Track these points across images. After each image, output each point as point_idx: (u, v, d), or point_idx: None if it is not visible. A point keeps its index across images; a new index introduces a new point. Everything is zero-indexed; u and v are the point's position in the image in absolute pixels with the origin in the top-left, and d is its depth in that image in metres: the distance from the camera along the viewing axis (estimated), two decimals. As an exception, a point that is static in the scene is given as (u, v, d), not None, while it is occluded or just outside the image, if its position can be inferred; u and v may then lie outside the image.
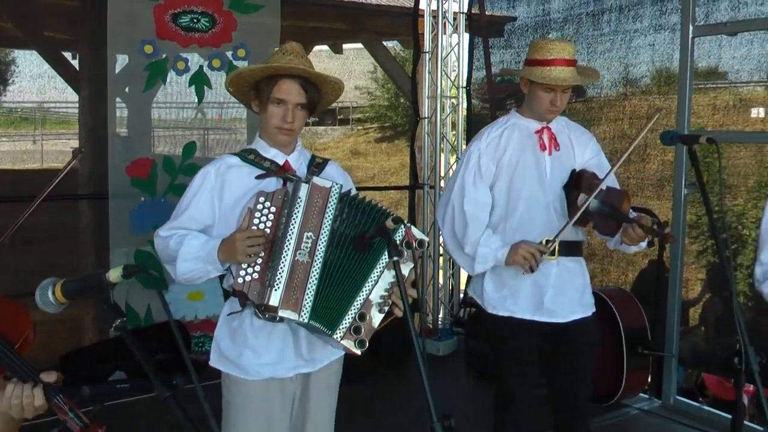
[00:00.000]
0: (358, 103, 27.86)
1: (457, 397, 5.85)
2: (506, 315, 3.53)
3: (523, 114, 3.56)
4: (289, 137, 2.82)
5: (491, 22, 6.86)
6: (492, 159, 3.49)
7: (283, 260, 2.55)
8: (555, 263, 3.48)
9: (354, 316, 2.58)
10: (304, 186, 2.60)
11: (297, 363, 2.82)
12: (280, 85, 2.73)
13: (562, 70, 3.33)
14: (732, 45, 5.36)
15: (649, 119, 3.08)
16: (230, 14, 6.08)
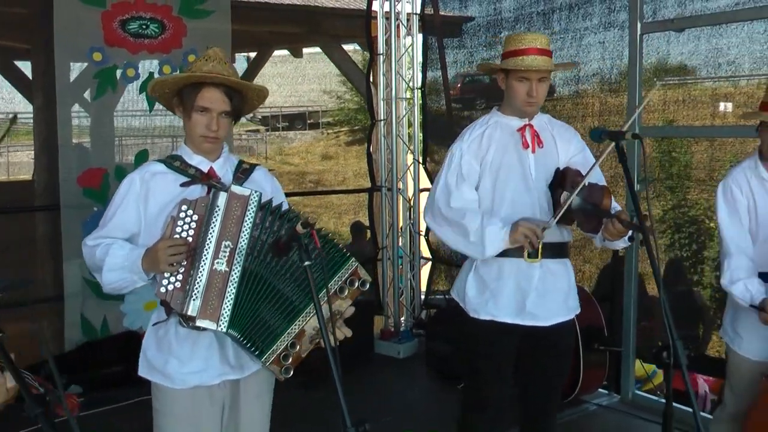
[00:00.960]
0: (327, 106, 27.85)
1: (418, 398, 5.85)
2: (488, 319, 3.47)
3: (504, 112, 3.52)
4: (214, 145, 2.79)
5: (446, 22, 6.86)
6: (475, 157, 3.45)
7: (202, 269, 2.53)
8: (538, 266, 3.43)
9: (287, 345, 2.57)
10: (222, 194, 2.58)
11: (223, 370, 2.79)
12: (203, 94, 2.69)
13: (535, 58, 3.32)
14: (680, 41, 5.39)
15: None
16: (180, 20, 6.03)
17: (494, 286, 3.46)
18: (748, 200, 3.52)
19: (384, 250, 7.10)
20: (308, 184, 21.74)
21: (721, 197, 3.57)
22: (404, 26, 6.89)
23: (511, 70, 3.37)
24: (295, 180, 22.15)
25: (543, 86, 3.38)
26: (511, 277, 3.44)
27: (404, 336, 6.78)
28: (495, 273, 3.45)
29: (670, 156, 7.34)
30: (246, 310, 2.58)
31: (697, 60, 5.62)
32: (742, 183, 3.54)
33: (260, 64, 10.49)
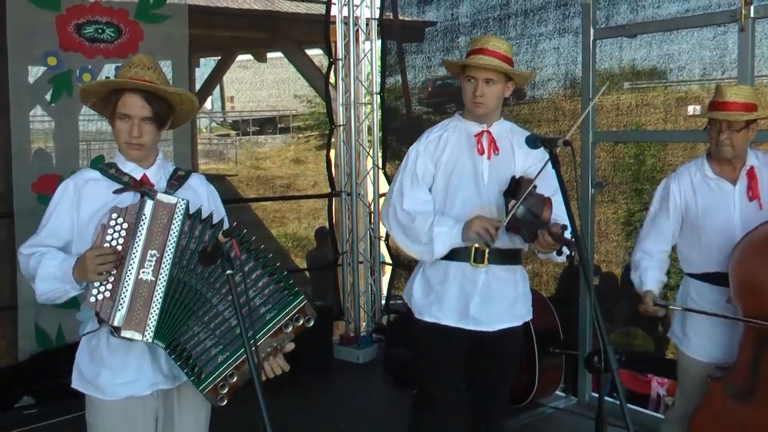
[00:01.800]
0: (298, 111, 27.84)
1: (376, 404, 5.85)
2: (432, 321, 3.50)
3: (465, 116, 3.55)
4: (140, 152, 2.76)
5: (405, 26, 6.87)
6: (431, 159, 3.48)
7: (127, 279, 2.52)
8: (483, 271, 3.45)
9: (226, 374, 2.56)
10: (148, 202, 2.56)
11: (156, 379, 2.77)
12: (123, 100, 2.68)
13: (482, 57, 3.36)
14: (632, 47, 5.45)
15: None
16: (136, 24, 5.99)
17: (439, 288, 3.49)
18: (686, 199, 3.61)
19: (344, 255, 7.10)
20: (279, 188, 21.71)
21: (659, 191, 3.71)
22: (363, 31, 6.90)
23: (464, 69, 3.43)
24: (266, 184, 22.11)
25: (491, 88, 3.40)
26: (456, 281, 3.46)
27: (364, 341, 6.78)
28: (441, 276, 3.48)
29: (638, 159, 7.42)
30: (174, 320, 2.57)
31: (649, 65, 5.69)
32: (684, 181, 3.62)
33: (224, 69, 10.47)
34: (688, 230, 3.66)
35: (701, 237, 3.59)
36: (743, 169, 3.55)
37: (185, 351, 2.58)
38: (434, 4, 6.47)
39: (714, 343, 3.59)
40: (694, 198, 3.59)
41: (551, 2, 5.75)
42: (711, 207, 3.57)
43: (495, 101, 3.45)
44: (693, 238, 3.64)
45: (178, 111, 2.84)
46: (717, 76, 5.08)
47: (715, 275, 3.56)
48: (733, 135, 3.44)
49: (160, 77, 2.75)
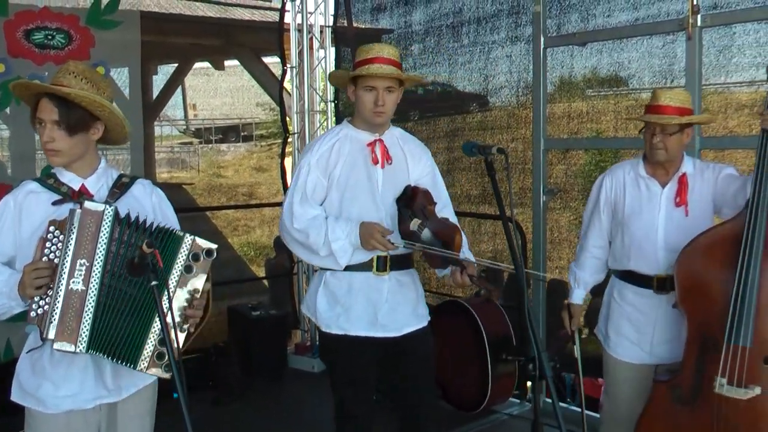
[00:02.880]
0: (261, 119, 27.74)
1: (330, 414, 5.81)
2: (340, 333, 3.48)
3: (355, 125, 3.51)
4: (58, 158, 2.71)
5: (359, 34, 6.87)
6: (323, 173, 3.43)
7: (59, 291, 2.49)
8: (387, 278, 3.46)
9: (155, 344, 2.55)
10: (76, 212, 2.53)
11: (99, 393, 2.74)
12: (39, 105, 2.67)
13: (380, 66, 3.31)
14: (583, 55, 5.51)
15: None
16: (87, 30, 5.91)
17: (345, 300, 3.46)
18: (616, 194, 3.68)
19: (300, 263, 7.07)
20: (241, 196, 21.61)
21: (595, 187, 3.79)
22: (317, 39, 6.89)
23: (358, 80, 3.36)
24: (227, 193, 21.99)
25: (391, 96, 3.38)
26: (362, 291, 3.45)
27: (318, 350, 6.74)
28: (345, 287, 3.45)
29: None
30: (107, 327, 2.54)
31: (601, 73, 5.75)
32: (617, 177, 3.70)
33: (180, 76, 10.41)
34: (614, 227, 3.73)
35: (624, 235, 3.66)
36: (676, 174, 3.59)
37: (116, 349, 2.55)
38: (387, 12, 6.49)
39: (631, 342, 3.66)
40: (623, 195, 3.66)
41: (504, 10, 5.80)
42: (637, 206, 3.63)
43: (393, 109, 3.44)
44: (617, 234, 3.71)
45: (108, 122, 2.77)
46: (666, 84, 5.14)
47: (631, 274, 3.65)
48: (666, 138, 3.48)
49: (87, 85, 2.68)
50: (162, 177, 20.84)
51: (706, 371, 3.32)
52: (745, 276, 3.20)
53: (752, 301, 3.19)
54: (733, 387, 3.22)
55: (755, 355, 3.20)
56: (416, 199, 3.39)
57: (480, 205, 6.17)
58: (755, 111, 3.53)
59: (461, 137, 6.09)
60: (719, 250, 3.32)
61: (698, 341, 3.37)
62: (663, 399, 3.46)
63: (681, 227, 3.54)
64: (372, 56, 3.33)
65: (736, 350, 3.21)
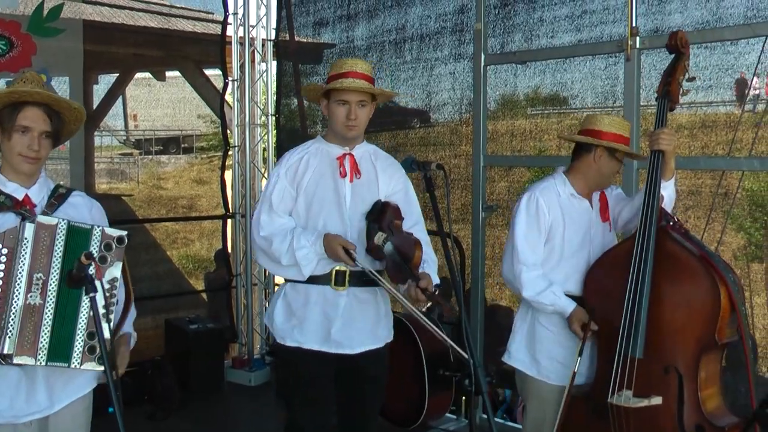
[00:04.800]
0: (201, 131, 27.49)
1: (268, 428, 5.77)
2: (294, 345, 3.45)
3: (327, 139, 3.52)
4: (35, 166, 2.72)
5: (302, 47, 6.87)
6: (291, 183, 3.43)
7: (14, 305, 2.47)
8: (345, 293, 3.43)
9: (84, 338, 2.55)
10: (29, 225, 2.50)
11: (30, 409, 2.69)
12: (24, 113, 2.65)
13: (354, 80, 3.34)
14: (527, 75, 5.57)
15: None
16: (29, 37, 5.82)
17: (300, 313, 3.44)
18: (554, 217, 3.61)
19: (238, 276, 7.01)
20: (181, 209, 21.35)
21: (523, 208, 3.63)
22: (259, 52, 6.86)
23: (332, 93, 3.38)
24: (167, 205, 21.72)
25: (363, 111, 3.40)
26: (318, 305, 3.43)
27: (256, 364, 6.70)
28: (302, 300, 3.44)
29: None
30: (66, 338, 2.54)
31: (544, 92, 5.84)
32: (552, 199, 3.63)
33: (121, 86, 10.28)
34: (547, 248, 3.64)
35: (562, 256, 3.62)
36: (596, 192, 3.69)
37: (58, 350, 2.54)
38: (330, 27, 6.50)
39: (564, 366, 3.62)
40: (562, 215, 3.61)
41: (447, 28, 5.84)
42: (575, 226, 3.63)
43: (365, 123, 3.46)
44: (552, 256, 3.63)
45: (66, 129, 2.80)
46: (609, 104, 5.23)
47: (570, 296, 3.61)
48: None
49: (55, 95, 2.73)
50: (101, 188, 20.50)
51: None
52: (637, 290, 3.30)
53: (643, 314, 3.29)
54: (631, 397, 3.29)
55: (653, 365, 3.29)
56: (385, 214, 3.38)
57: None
58: (648, 134, 3.61)
59: (403, 152, 6.10)
60: (619, 266, 3.41)
61: (605, 356, 3.44)
62: (579, 413, 3.49)
63: (609, 242, 3.63)
64: (345, 70, 3.36)
65: (633, 361, 3.29)
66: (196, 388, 6.21)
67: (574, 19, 5.18)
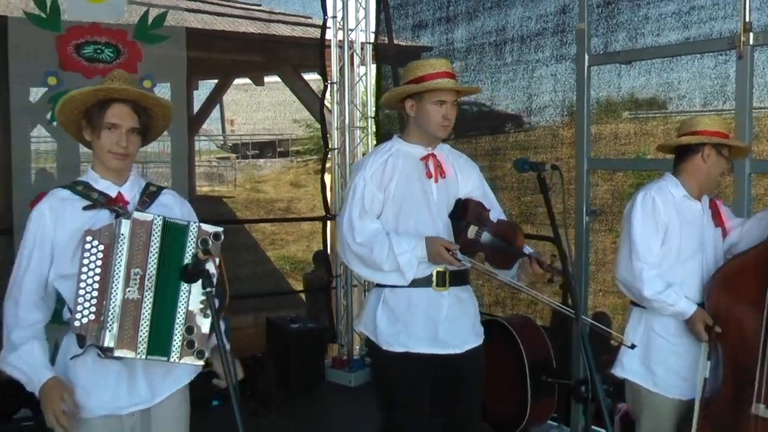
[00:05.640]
0: (297, 135, 27.90)
1: (367, 428, 5.77)
2: (402, 351, 3.43)
3: (407, 140, 3.49)
4: (123, 163, 2.77)
5: (400, 51, 6.89)
6: (379, 187, 3.42)
7: (113, 300, 2.54)
8: (446, 294, 3.43)
9: (182, 333, 2.61)
10: (125, 222, 2.56)
11: (132, 401, 2.77)
12: (112, 110, 2.69)
13: (449, 81, 3.35)
14: (631, 75, 5.44)
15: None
16: (135, 45, 6.00)
17: (405, 317, 3.42)
18: (670, 217, 3.50)
19: (338, 278, 7.07)
20: (278, 211, 21.69)
21: (639, 206, 3.53)
22: (358, 55, 6.91)
23: (425, 94, 3.35)
24: (265, 207, 22.11)
25: (455, 110, 3.40)
26: (421, 307, 3.42)
27: (356, 365, 6.75)
28: (405, 304, 3.42)
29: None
30: (161, 331, 2.59)
31: (649, 93, 5.68)
32: (667, 198, 3.52)
33: (221, 92, 10.51)
34: (663, 250, 3.51)
35: (678, 259, 3.50)
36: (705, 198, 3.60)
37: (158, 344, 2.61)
38: (429, 29, 6.49)
39: (683, 378, 3.51)
40: (677, 216, 3.51)
41: (548, 28, 5.76)
42: (690, 228, 3.51)
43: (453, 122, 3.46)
44: (667, 258, 3.50)
45: (154, 126, 2.86)
46: (718, 105, 5.05)
47: None
48: None
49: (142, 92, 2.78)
50: (202, 190, 21.02)
51: (744, 398, 3.26)
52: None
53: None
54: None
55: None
56: (469, 209, 3.38)
57: (521, 225, 6.12)
58: None
59: (503, 156, 6.05)
60: (746, 277, 3.29)
61: (732, 369, 3.33)
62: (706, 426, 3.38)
63: (717, 250, 3.52)
64: (438, 70, 3.35)
65: None
66: (297, 387, 6.29)
67: (681, 15, 5.03)
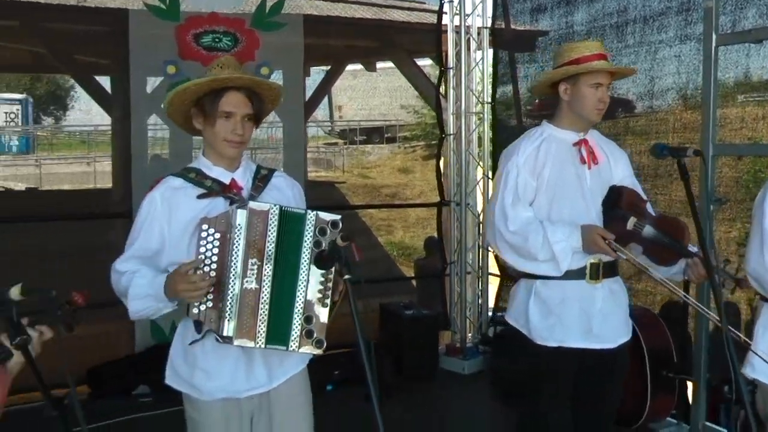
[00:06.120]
0: (405, 121, 27.95)
1: (480, 416, 5.77)
2: (555, 345, 3.38)
3: (558, 125, 3.43)
4: (239, 150, 2.77)
5: (517, 36, 6.78)
6: (532, 174, 3.36)
7: (231, 290, 2.54)
8: (600, 286, 3.36)
9: (301, 322, 2.59)
10: (241, 212, 2.54)
11: (250, 385, 2.79)
12: (227, 98, 2.69)
13: (605, 63, 3.29)
14: (761, 55, 5.18)
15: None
16: (253, 33, 6.10)
17: (558, 310, 3.35)
18: None
19: (452, 265, 7.04)
20: (385, 197, 21.81)
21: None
22: (475, 40, 6.83)
23: (581, 77, 3.29)
24: (371, 193, 22.27)
25: (608, 93, 3.33)
26: (575, 300, 3.35)
27: (470, 352, 6.70)
28: (558, 297, 3.35)
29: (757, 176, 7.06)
30: (279, 321, 2.59)
31: (782, 74, 5.40)
32: None
33: (333, 79, 10.57)
34: None
35: None
36: None
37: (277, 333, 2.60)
38: (548, 13, 6.34)
39: None
40: None
41: (672, 8, 5.53)
42: None
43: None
44: None
45: (264, 110, 2.85)
46: None
47: None
48: None
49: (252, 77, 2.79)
50: (311, 176, 21.34)
51: None
52: None
53: None
54: None
55: None
56: (624, 198, 3.28)
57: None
58: None
59: (623, 141, 5.87)
60: None
61: None
62: None
63: None
64: (594, 52, 3.29)
65: None
66: (410, 373, 6.29)
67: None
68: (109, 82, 8.39)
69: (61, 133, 32.79)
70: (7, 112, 27.76)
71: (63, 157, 27.73)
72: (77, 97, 33.44)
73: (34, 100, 31.26)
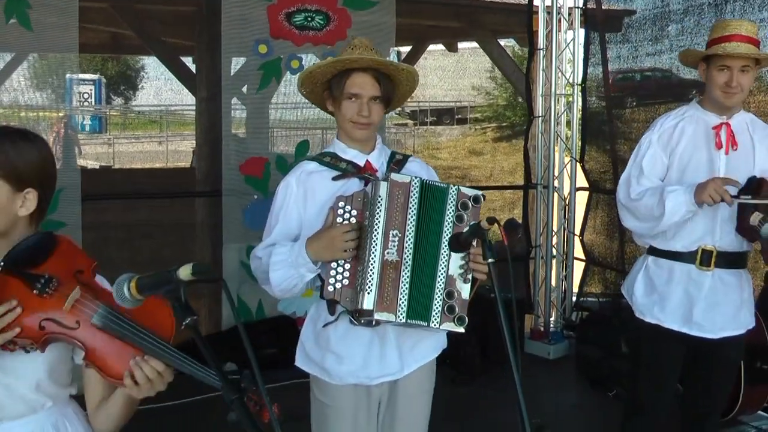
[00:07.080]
0: (476, 102, 27.77)
1: (568, 402, 5.72)
2: (653, 322, 3.38)
3: (703, 106, 3.37)
4: (367, 131, 2.74)
5: (608, 16, 6.65)
6: (664, 149, 3.34)
7: (372, 262, 2.49)
8: (710, 275, 3.30)
9: (443, 298, 2.54)
10: (383, 184, 2.52)
11: (382, 372, 2.76)
12: (353, 80, 2.66)
13: (738, 44, 3.16)
14: None
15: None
16: (345, 11, 6.07)
17: (663, 289, 3.34)
18: None
19: (537, 248, 6.97)
20: (455, 178, 21.75)
21: None
22: (566, 20, 6.71)
23: (712, 58, 3.22)
24: (442, 175, 22.13)
25: (746, 77, 3.20)
26: (681, 283, 3.31)
27: (554, 337, 6.63)
28: (665, 276, 3.34)
29: None
30: (420, 295, 2.53)
31: None
32: None
33: (414, 59, 10.51)
34: None
35: None
36: None
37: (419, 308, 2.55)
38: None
39: None
40: None
41: (775, -16, 5.36)
42: None
43: (747, 90, 3.26)
44: None
45: (399, 92, 2.81)
46: None
47: None
48: None
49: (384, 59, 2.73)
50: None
51: None
52: None
53: None
54: None
55: None
56: (762, 192, 3.17)
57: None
58: None
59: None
60: None
61: None
62: None
63: None
64: (729, 33, 3.20)
65: None
66: (495, 357, 6.24)
67: None
68: (191, 63, 8.52)
69: (131, 112, 33.42)
70: (81, 92, 28.41)
71: (135, 137, 28.34)
72: (147, 77, 34.00)
73: (105, 81, 31.91)
